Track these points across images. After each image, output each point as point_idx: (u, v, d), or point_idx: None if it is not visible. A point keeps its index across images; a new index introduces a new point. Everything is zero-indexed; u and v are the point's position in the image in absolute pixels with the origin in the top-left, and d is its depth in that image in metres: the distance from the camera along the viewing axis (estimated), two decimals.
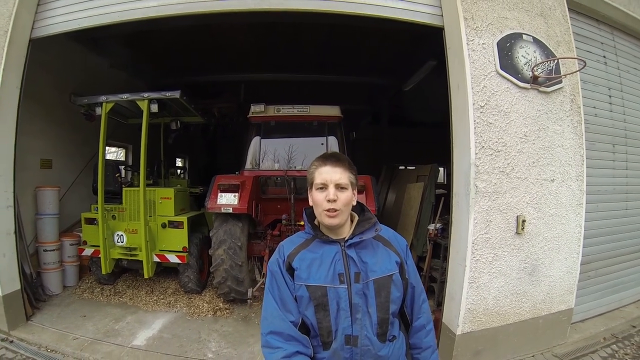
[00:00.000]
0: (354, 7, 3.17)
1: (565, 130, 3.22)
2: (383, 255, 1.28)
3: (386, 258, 1.28)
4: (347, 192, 1.23)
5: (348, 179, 1.23)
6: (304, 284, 1.21)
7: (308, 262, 1.23)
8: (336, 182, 1.21)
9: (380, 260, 1.26)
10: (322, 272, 1.21)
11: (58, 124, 5.08)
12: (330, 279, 1.21)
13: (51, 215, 4.55)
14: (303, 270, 1.22)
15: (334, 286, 1.20)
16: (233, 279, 4.01)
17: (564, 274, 3.28)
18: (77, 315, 3.92)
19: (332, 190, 1.20)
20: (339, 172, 1.22)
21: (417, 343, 1.35)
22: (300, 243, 1.30)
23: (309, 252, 1.26)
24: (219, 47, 5.77)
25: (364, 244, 1.26)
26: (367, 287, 1.21)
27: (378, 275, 1.23)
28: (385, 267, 1.25)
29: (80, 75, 5.37)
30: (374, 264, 1.24)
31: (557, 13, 3.30)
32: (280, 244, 1.33)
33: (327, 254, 1.24)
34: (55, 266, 4.51)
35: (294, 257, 1.25)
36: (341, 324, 1.18)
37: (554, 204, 3.18)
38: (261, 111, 4.66)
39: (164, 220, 4.37)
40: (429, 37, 4.36)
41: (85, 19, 3.45)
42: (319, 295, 1.19)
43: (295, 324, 1.20)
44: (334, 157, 1.27)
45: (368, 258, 1.25)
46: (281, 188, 4.38)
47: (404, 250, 1.34)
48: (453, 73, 3.07)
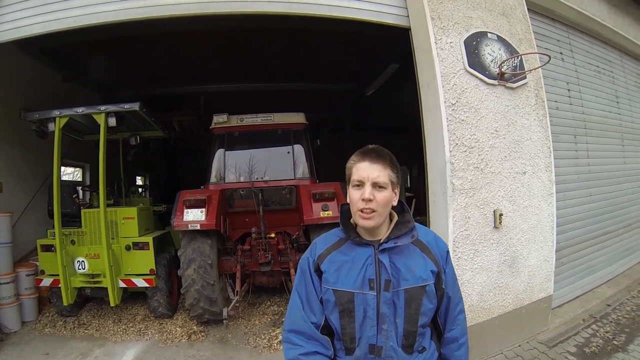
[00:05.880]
0: (317, 9, 3.11)
1: (532, 123, 3.34)
2: (419, 262, 1.18)
3: (422, 266, 1.17)
4: (386, 192, 1.12)
5: (388, 177, 1.13)
6: (330, 288, 1.16)
7: (337, 265, 1.17)
8: (374, 180, 1.11)
9: (414, 268, 1.16)
10: (351, 277, 1.15)
11: (7, 142, 4.65)
12: (360, 284, 1.14)
13: (3, 245, 4.12)
14: (331, 274, 1.17)
15: (362, 292, 1.14)
16: (206, 300, 3.80)
17: (541, 263, 3.38)
18: (39, 354, 3.57)
19: (368, 189, 1.11)
20: (377, 169, 1.11)
21: (448, 355, 1.27)
22: (333, 243, 1.23)
23: (340, 253, 1.19)
24: (177, 58, 5.57)
25: (400, 249, 1.17)
26: (397, 296, 1.13)
27: (410, 285, 1.14)
28: (419, 277, 1.16)
29: (30, 89, 4.97)
30: (407, 272, 1.15)
31: (518, 12, 3.43)
32: (314, 241, 1.28)
33: (359, 257, 1.16)
34: (12, 300, 4.08)
35: (324, 259, 1.20)
36: (366, 333, 1.14)
37: (527, 195, 3.27)
38: (224, 121, 4.51)
39: (128, 242, 4.09)
40: (391, 41, 4.44)
41: (37, 25, 3.17)
42: (345, 300, 1.14)
43: (318, 325, 1.18)
44: (374, 151, 1.16)
45: (402, 264, 1.16)
46: (248, 200, 4.21)
47: (444, 257, 1.23)
48: (422, 72, 3.09)
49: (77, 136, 4.77)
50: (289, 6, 3.11)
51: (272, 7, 3.13)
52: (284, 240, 4.36)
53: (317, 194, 3.96)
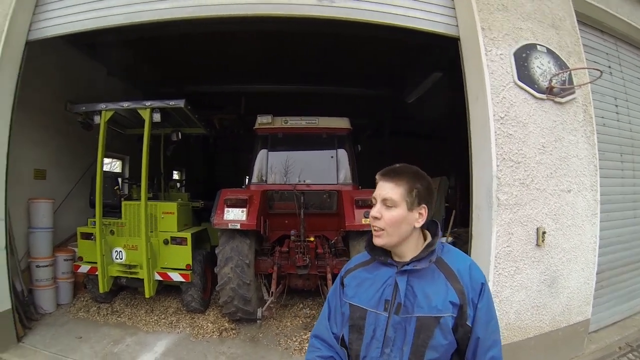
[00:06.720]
0: (369, 15, 3.12)
1: (580, 140, 3.23)
2: (440, 290, 1.08)
3: (441, 295, 1.07)
4: (394, 211, 1.08)
5: (400, 196, 1.08)
6: (348, 302, 1.19)
7: (359, 281, 1.19)
8: (383, 197, 1.10)
9: (432, 296, 1.07)
10: (369, 294, 1.15)
11: (53, 132, 4.84)
12: (375, 303, 1.13)
13: (45, 229, 4.30)
14: (351, 288, 1.19)
15: (376, 311, 1.12)
16: (240, 298, 3.83)
17: (581, 285, 3.26)
18: (72, 337, 3.68)
19: (376, 207, 1.12)
20: (388, 187, 1.10)
21: None
22: (363, 260, 1.24)
23: (365, 271, 1.21)
24: (221, 56, 5.65)
25: (423, 273, 1.10)
26: (409, 322, 1.08)
27: (423, 313, 1.06)
28: (434, 306, 1.06)
29: (76, 82, 5.16)
30: (424, 299, 1.07)
31: (567, 24, 3.34)
32: (354, 256, 1.33)
33: (380, 276, 1.16)
34: (49, 283, 4.25)
35: (349, 274, 1.23)
36: (370, 353, 1.11)
37: (570, 214, 3.17)
38: (268, 122, 4.52)
39: (167, 237, 4.16)
40: (435, 49, 4.39)
41: (87, 20, 3.32)
42: (357, 316, 1.15)
43: (337, 336, 1.21)
44: (393, 170, 1.14)
45: (420, 290, 1.09)
46: (288, 203, 4.24)
47: (476, 290, 1.09)
48: (471, 84, 3.04)
49: (120, 129, 4.92)
50: (337, 10, 3.13)
51: (318, 11, 3.16)
52: (323, 244, 4.35)
53: (360, 201, 3.93)
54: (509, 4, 3.09)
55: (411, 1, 3.13)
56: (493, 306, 1.13)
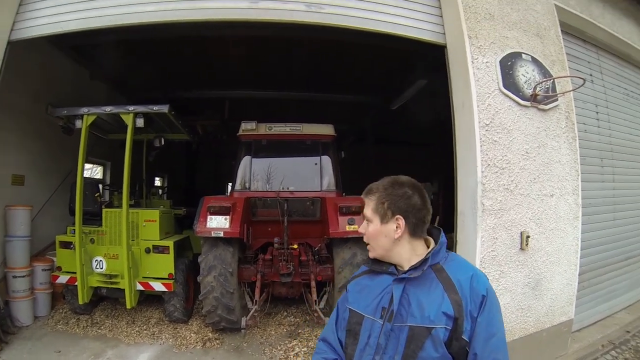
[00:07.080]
0: (355, 22, 3.11)
1: (562, 146, 3.31)
2: (434, 300, 1.05)
3: (435, 305, 1.04)
4: (371, 226, 1.15)
5: (372, 211, 1.15)
6: (348, 307, 1.22)
7: (361, 287, 1.22)
8: (363, 213, 1.20)
9: (426, 306, 1.04)
10: (367, 300, 1.17)
11: (32, 136, 4.66)
12: (373, 310, 1.14)
13: (22, 238, 4.14)
14: (353, 294, 1.23)
15: (372, 318, 1.13)
16: (224, 307, 3.76)
17: (564, 286, 3.33)
18: (50, 351, 3.56)
19: (362, 223, 1.21)
20: (365, 204, 1.19)
21: None
22: (368, 268, 1.27)
23: (368, 278, 1.23)
24: (205, 61, 5.57)
25: (421, 282, 1.08)
26: (402, 331, 1.06)
27: (416, 323, 1.04)
28: (426, 316, 1.03)
29: (57, 85, 4.99)
30: (417, 308, 1.05)
31: (552, 33, 3.41)
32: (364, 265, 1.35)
33: (380, 284, 1.17)
34: (26, 294, 4.08)
35: (354, 280, 1.27)
36: (363, 359, 1.12)
37: (553, 218, 3.23)
38: (252, 129, 4.48)
39: (148, 245, 4.06)
40: (419, 56, 4.42)
41: (73, 21, 3.19)
42: (354, 321, 1.17)
43: (341, 341, 1.24)
44: (368, 187, 1.22)
45: (414, 298, 1.07)
46: (272, 210, 4.19)
47: (476, 303, 1.03)
48: (457, 91, 3.08)
49: (101, 134, 4.80)
50: (325, 17, 3.11)
51: (308, 17, 3.13)
52: (306, 252, 4.32)
53: (344, 208, 3.92)
54: (495, 13, 3.14)
55: (399, 9, 3.14)
56: (497, 322, 1.05)
